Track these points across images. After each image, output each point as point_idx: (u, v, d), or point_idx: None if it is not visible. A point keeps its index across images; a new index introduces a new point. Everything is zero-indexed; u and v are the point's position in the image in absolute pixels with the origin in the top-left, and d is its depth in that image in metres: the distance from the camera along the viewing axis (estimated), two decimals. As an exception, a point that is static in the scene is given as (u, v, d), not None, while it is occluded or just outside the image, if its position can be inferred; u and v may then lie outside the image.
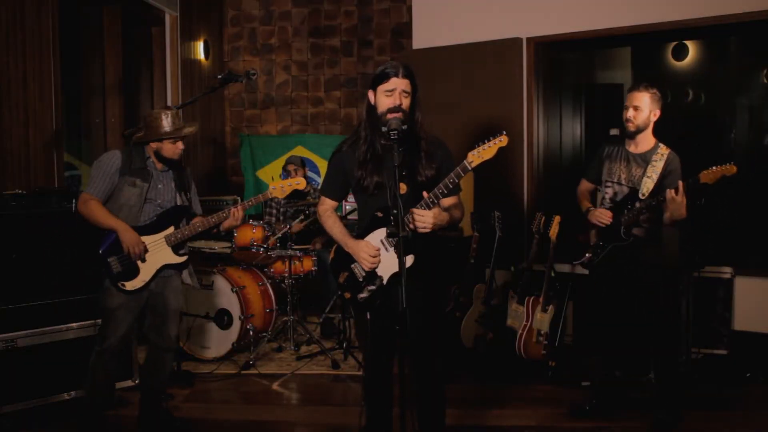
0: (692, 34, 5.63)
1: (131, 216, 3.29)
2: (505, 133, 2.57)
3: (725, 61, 6.34)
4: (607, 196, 3.64)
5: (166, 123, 3.30)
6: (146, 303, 3.40)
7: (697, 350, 4.46)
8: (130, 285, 3.28)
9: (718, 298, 4.54)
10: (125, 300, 3.30)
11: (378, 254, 2.76)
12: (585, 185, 3.83)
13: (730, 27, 4.82)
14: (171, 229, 3.36)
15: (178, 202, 3.43)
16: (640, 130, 3.50)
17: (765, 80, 6.11)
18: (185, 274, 3.50)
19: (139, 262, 3.29)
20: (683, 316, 4.23)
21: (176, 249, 3.38)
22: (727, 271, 4.56)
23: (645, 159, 3.51)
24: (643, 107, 3.47)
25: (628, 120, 3.51)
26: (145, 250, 3.29)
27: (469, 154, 2.59)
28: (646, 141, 3.53)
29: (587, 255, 3.66)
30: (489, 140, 2.58)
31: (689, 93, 6.41)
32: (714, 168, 3.18)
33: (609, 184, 3.63)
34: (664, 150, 3.48)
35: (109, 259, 3.25)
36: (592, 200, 3.84)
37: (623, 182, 3.57)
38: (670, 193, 3.27)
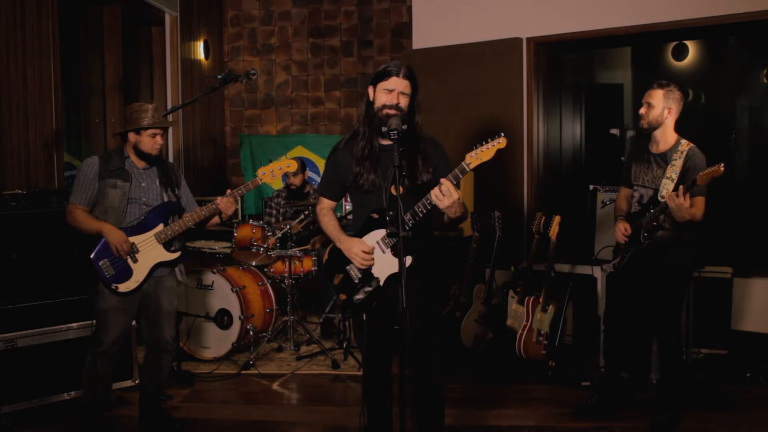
0: (692, 34, 5.64)
1: (117, 218, 3.27)
2: (503, 134, 2.56)
3: (725, 61, 6.34)
4: (635, 200, 3.62)
5: (146, 116, 3.29)
6: (140, 305, 3.38)
7: (697, 350, 4.46)
8: (124, 287, 3.26)
9: (718, 298, 4.53)
10: (118, 302, 3.28)
11: (371, 254, 2.75)
12: (623, 192, 3.77)
13: (730, 27, 4.82)
14: (160, 227, 3.33)
15: (165, 200, 3.40)
16: (653, 128, 3.45)
17: (765, 80, 6.12)
18: (177, 271, 3.47)
19: (131, 263, 3.27)
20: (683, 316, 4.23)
21: (167, 246, 3.35)
22: (727, 271, 4.55)
23: (665, 158, 3.46)
24: (656, 104, 3.42)
25: (641, 117, 3.48)
26: (136, 250, 3.27)
27: (467, 156, 2.57)
28: (665, 140, 3.48)
29: (617, 259, 3.64)
30: (487, 142, 2.57)
31: (689, 93, 6.41)
32: (707, 170, 3.16)
33: (636, 187, 3.61)
34: (684, 146, 3.42)
35: (100, 263, 3.23)
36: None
37: (647, 184, 3.53)
38: (668, 195, 3.24)
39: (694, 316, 4.32)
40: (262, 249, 4.94)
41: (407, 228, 2.62)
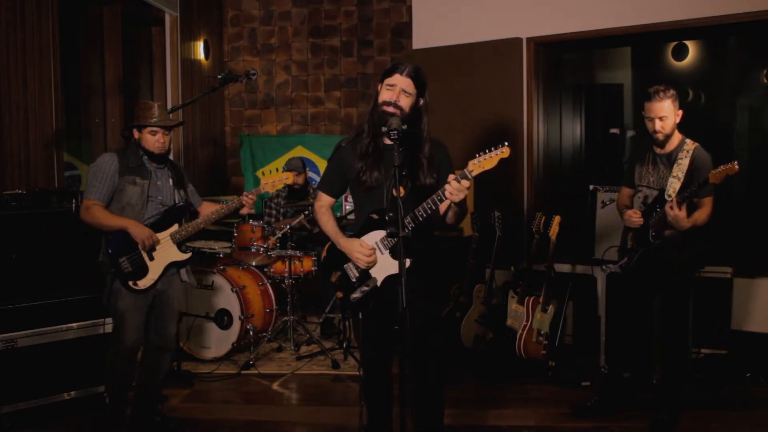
0: (692, 34, 5.64)
1: (135, 215, 3.32)
2: (507, 144, 2.53)
3: (725, 61, 6.34)
4: (640, 201, 3.62)
5: (149, 113, 3.33)
6: (152, 302, 3.41)
7: (697, 350, 4.45)
8: (142, 284, 3.31)
9: (718, 298, 4.53)
10: (134, 300, 3.31)
11: (373, 253, 2.75)
12: (625, 191, 3.77)
13: (730, 27, 4.82)
14: (176, 227, 3.41)
15: (176, 199, 3.47)
16: (669, 137, 3.45)
17: (765, 80, 6.12)
18: (183, 272, 3.52)
19: (148, 261, 3.32)
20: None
21: (179, 246, 3.43)
22: (727, 271, 4.55)
23: (670, 159, 3.46)
24: (669, 114, 3.40)
25: (656, 132, 3.42)
26: (154, 248, 3.33)
27: (470, 163, 2.56)
28: (671, 141, 3.48)
29: (625, 259, 3.63)
30: (491, 150, 2.55)
31: (689, 93, 6.41)
32: (721, 167, 3.15)
33: (641, 188, 3.62)
34: (690, 146, 3.42)
35: (120, 260, 3.27)
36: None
37: (652, 185, 3.54)
38: (666, 206, 3.28)
39: (694, 316, 4.32)
40: (262, 249, 4.94)
41: (407, 230, 2.63)
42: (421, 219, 2.65)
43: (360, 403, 2.96)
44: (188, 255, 3.47)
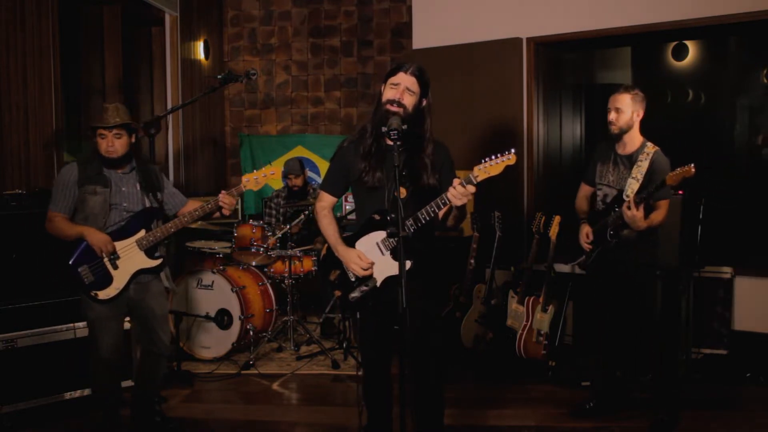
0: (692, 34, 5.63)
1: (99, 225, 3.22)
2: (514, 151, 2.53)
3: (725, 61, 6.34)
4: (599, 199, 3.67)
5: (102, 116, 3.23)
6: (131, 311, 3.33)
7: (697, 350, 4.46)
8: (104, 294, 3.20)
9: (718, 298, 4.54)
10: (104, 310, 3.22)
11: (371, 267, 2.74)
12: (584, 189, 3.83)
13: (730, 27, 4.81)
14: (142, 233, 3.26)
15: (147, 204, 3.32)
16: (623, 132, 3.51)
17: (765, 80, 6.12)
18: (162, 276, 3.41)
19: (111, 270, 3.20)
20: (683, 316, 4.23)
21: (150, 253, 3.29)
22: (727, 271, 4.56)
23: (631, 160, 3.51)
24: (625, 108, 3.48)
25: (610, 122, 3.53)
26: (117, 256, 3.21)
27: (476, 168, 2.55)
28: (632, 142, 3.54)
29: (583, 257, 3.71)
30: (497, 156, 2.54)
31: (689, 93, 6.41)
32: (678, 170, 3.20)
33: (600, 186, 3.66)
34: (650, 149, 3.48)
35: (79, 269, 3.17)
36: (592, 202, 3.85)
37: (612, 184, 3.58)
38: (624, 205, 3.32)
39: (694, 316, 4.33)
40: (262, 249, 4.94)
41: (408, 231, 2.63)
42: (423, 222, 2.65)
43: (360, 403, 2.96)
44: (158, 262, 3.29)
